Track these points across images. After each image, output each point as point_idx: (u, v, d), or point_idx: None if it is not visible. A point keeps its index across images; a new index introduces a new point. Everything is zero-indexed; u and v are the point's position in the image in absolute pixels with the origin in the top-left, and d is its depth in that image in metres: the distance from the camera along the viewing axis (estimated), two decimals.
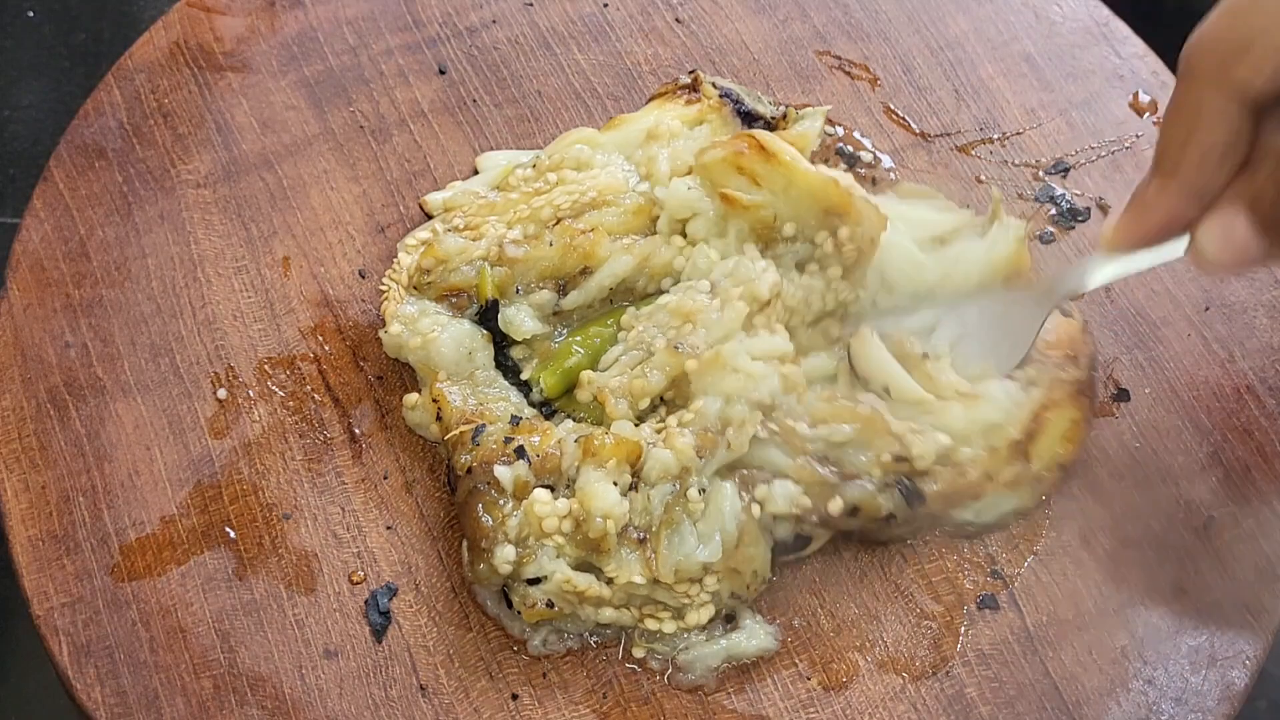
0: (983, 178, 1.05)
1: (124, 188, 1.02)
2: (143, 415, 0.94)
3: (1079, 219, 1.03)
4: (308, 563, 0.90)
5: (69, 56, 1.35)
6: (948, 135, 1.07)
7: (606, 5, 1.11)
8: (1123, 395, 0.97)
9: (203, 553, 0.90)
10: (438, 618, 0.89)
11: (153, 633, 0.87)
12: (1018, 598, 0.91)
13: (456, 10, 1.11)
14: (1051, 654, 0.89)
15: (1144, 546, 0.92)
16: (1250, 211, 0.73)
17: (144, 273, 0.99)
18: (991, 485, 0.89)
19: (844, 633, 0.89)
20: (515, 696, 0.87)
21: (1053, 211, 1.04)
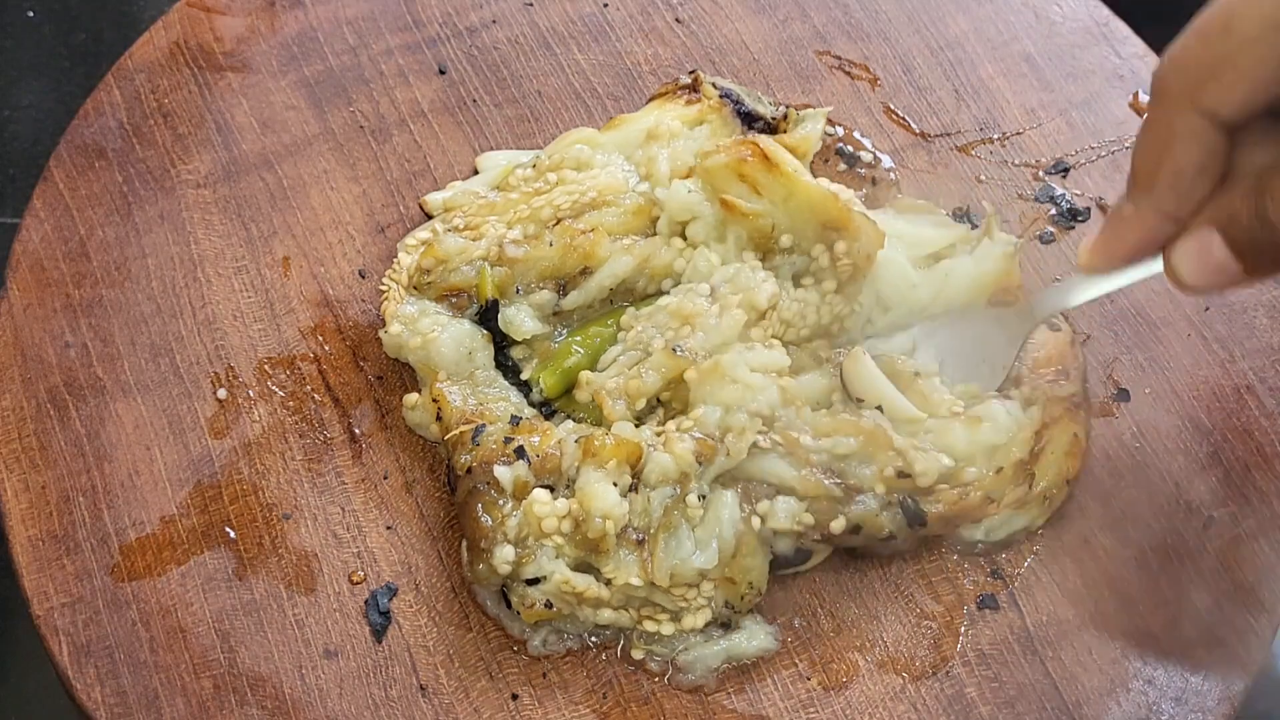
0: (982, 178, 1.05)
1: (124, 188, 1.02)
2: (143, 415, 0.94)
3: (1079, 219, 1.03)
4: (308, 563, 0.90)
5: (69, 56, 1.35)
6: (948, 135, 1.07)
7: (606, 5, 1.11)
8: (1123, 395, 0.97)
9: (203, 553, 0.90)
10: (438, 618, 0.89)
11: (153, 633, 0.87)
12: (1018, 598, 0.91)
13: (456, 10, 1.11)
14: (1051, 654, 0.89)
15: (1144, 546, 0.92)
16: (1225, 233, 0.73)
17: (144, 273, 0.99)
18: (994, 508, 0.89)
19: (844, 633, 0.89)
20: (515, 696, 0.87)
21: (1053, 211, 1.04)
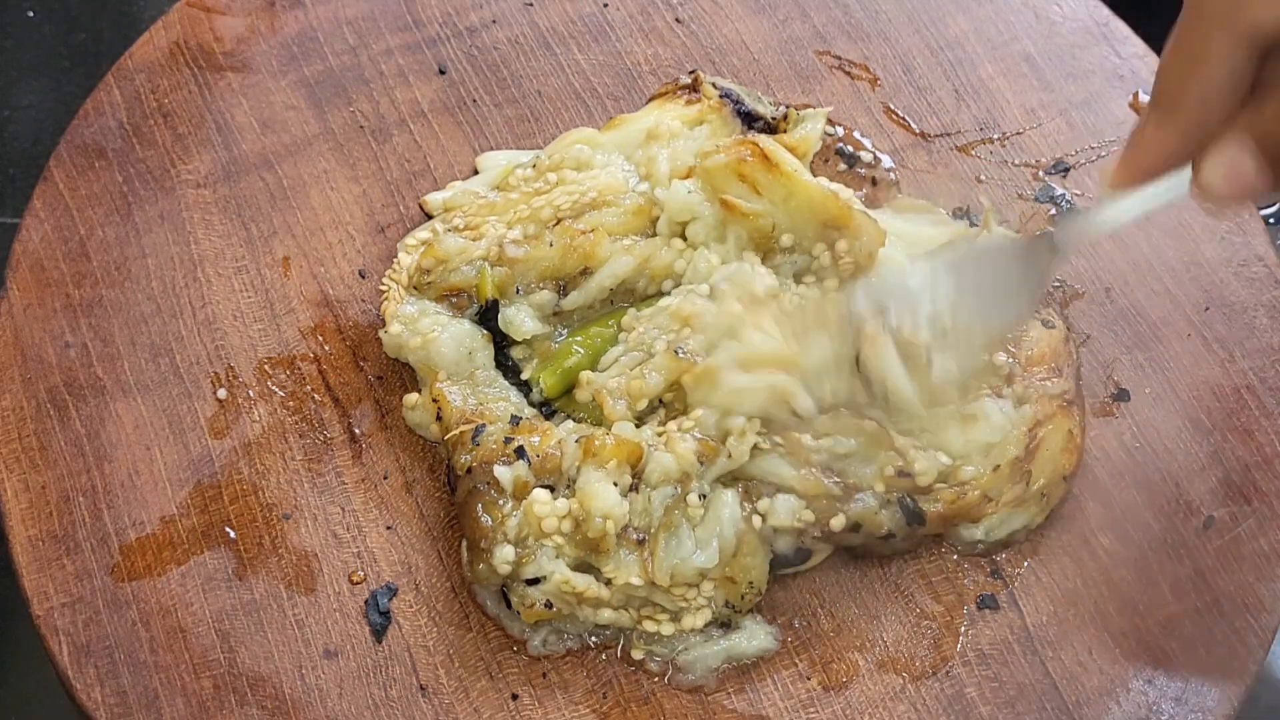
0: (982, 178, 1.05)
1: (124, 188, 1.02)
2: (143, 415, 0.94)
3: None
4: (308, 563, 0.90)
5: (69, 56, 1.35)
6: (948, 135, 1.07)
7: (606, 5, 1.11)
8: (1123, 395, 0.97)
9: (203, 553, 0.90)
10: (438, 618, 0.89)
11: (153, 633, 0.87)
12: (1018, 598, 0.91)
13: (456, 10, 1.11)
14: (1051, 654, 0.89)
15: (1144, 546, 0.92)
16: (1258, 143, 0.72)
17: (144, 273, 0.99)
18: (992, 506, 0.89)
19: (844, 633, 0.89)
20: (515, 696, 0.87)
21: (1052, 211, 1.04)
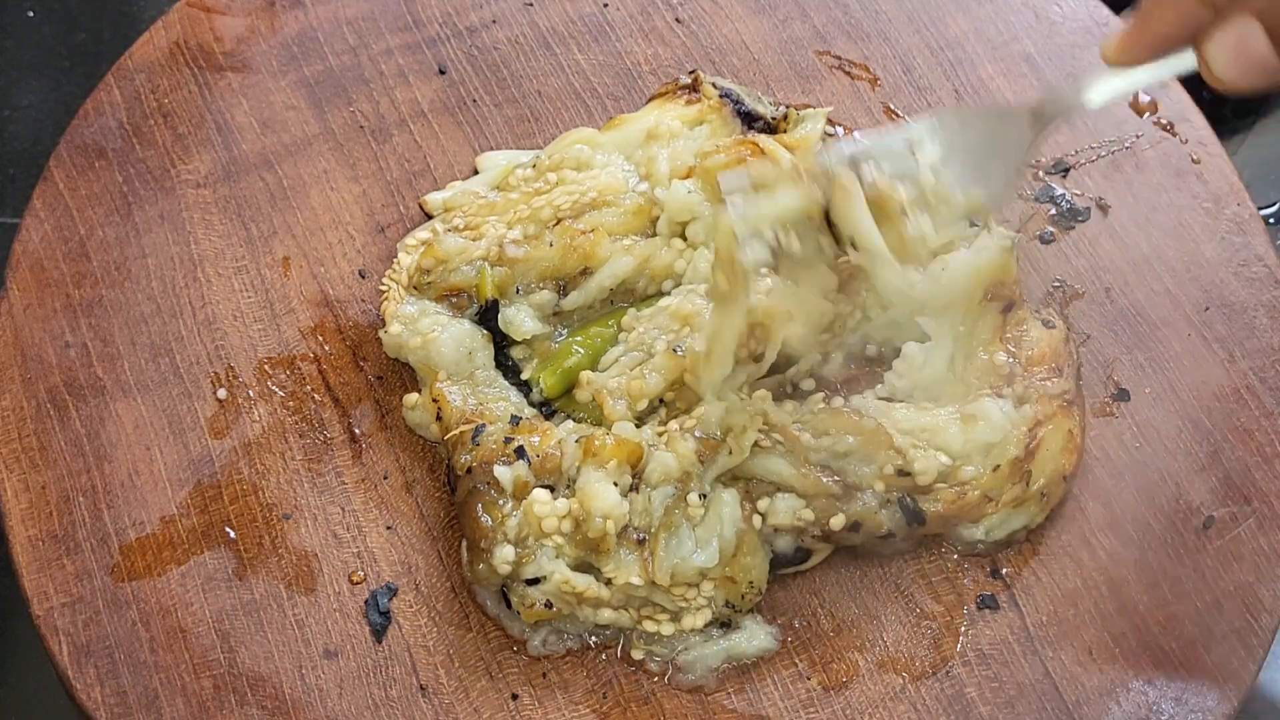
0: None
1: (124, 188, 1.02)
2: (143, 415, 0.94)
3: (1079, 219, 1.03)
4: (308, 563, 0.90)
5: (69, 56, 1.35)
6: None
7: (606, 5, 1.11)
8: (1123, 395, 0.97)
9: (203, 553, 0.90)
10: (438, 618, 0.89)
11: (153, 633, 0.87)
12: (1018, 598, 0.91)
13: (456, 10, 1.11)
14: (1051, 654, 0.89)
15: (1144, 546, 0.92)
16: (1266, 22, 0.68)
17: (144, 273, 0.99)
18: (992, 506, 0.89)
19: (844, 633, 0.89)
20: (515, 696, 0.87)
21: (1053, 211, 1.04)
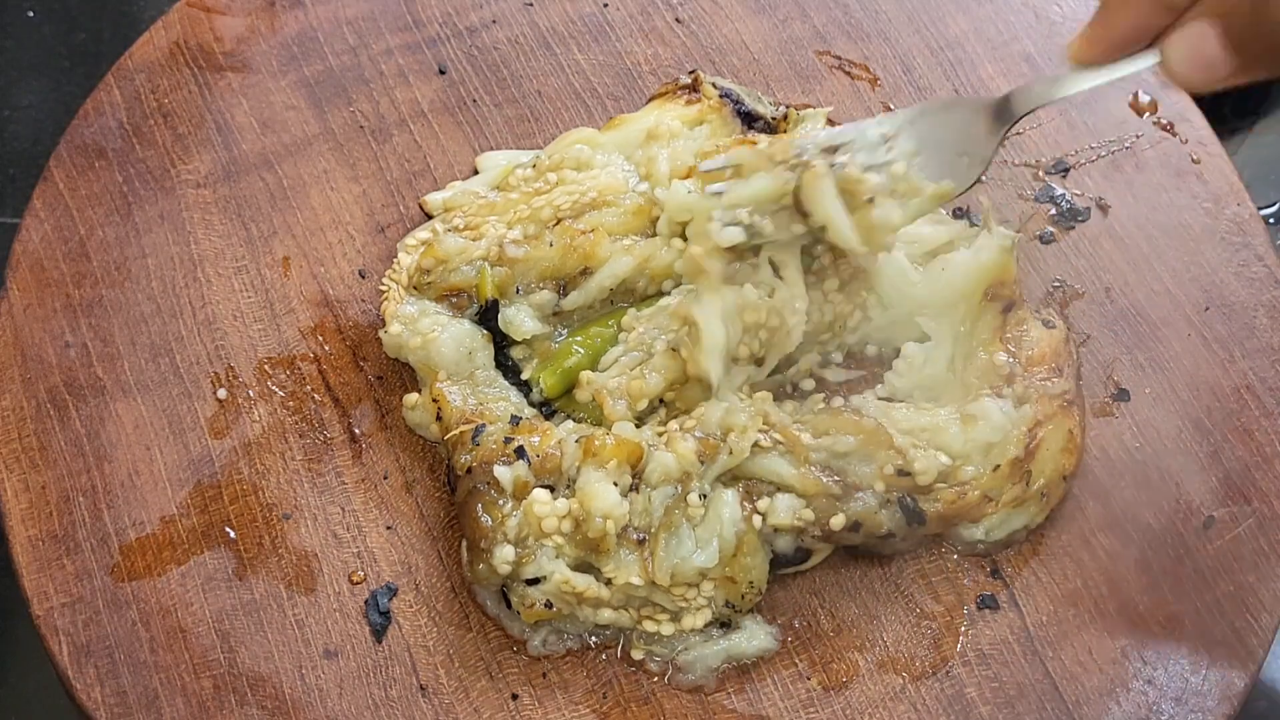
0: (983, 178, 1.05)
1: (124, 188, 1.02)
2: (143, 415, 0.94)
3: (1079, 219, 1.03)
4: (308, 563, 0.90)
5: (69, 56, 1.35)
6: None
7: (606, 5, 1.11)
8: (1123, 395, 0.97)
9: (203, 553, 0.90)
10: (438, 618, 0.89)
11: (153, 633, 0.87)
12: (1018, 598, 0.91)
13: (456, 10, 1.11)
14: (1051, 654, 0.89)
15: (1144, 546, 0.92)
16: (1222, 24, 0.70)
17: (144, 273, 0.99)
18: (992, 506, 0.89)
19: (844, 633, 0.89)
20: (515, 696, 0.87)
21: (1053, 211, 1.04)
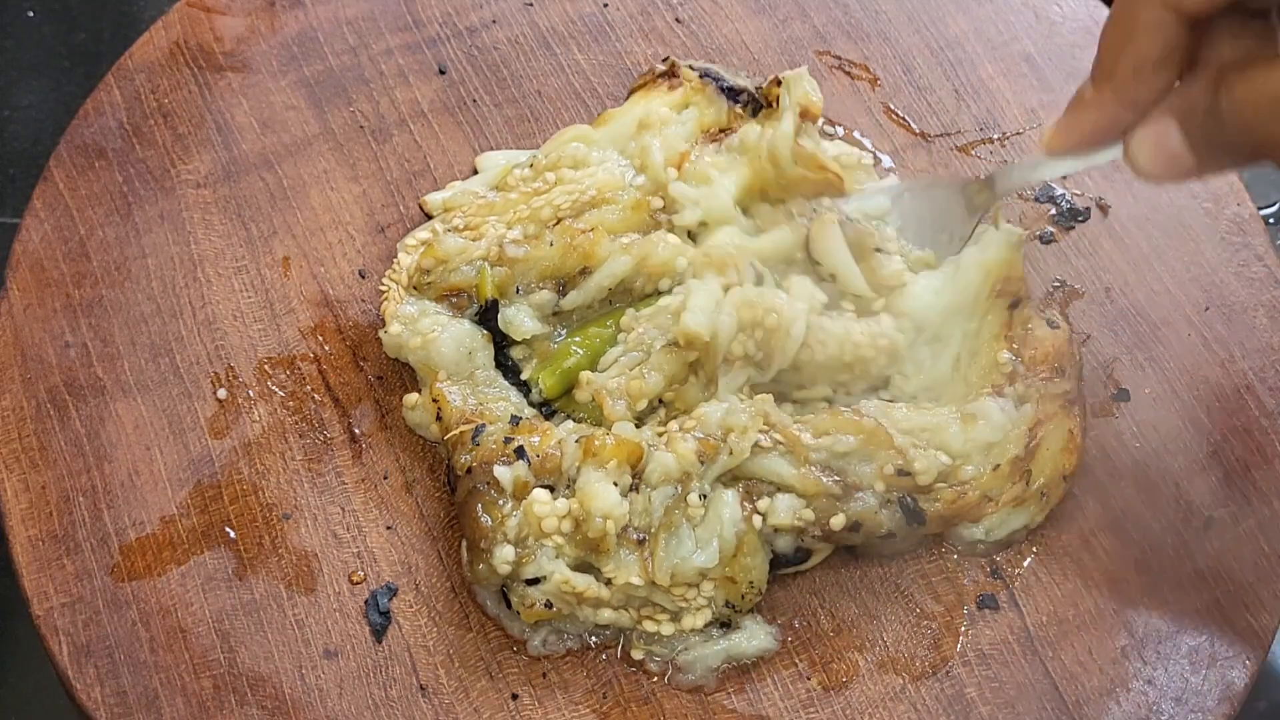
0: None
1: (124, 188, 1.02)
2: (143, 415, 0.94)
3: (1079, 219, 1.03)
4: (308, 563, 0.90)
5: (69, 56, 1.35)
6: (948, 135, 1.07)
7: (606, 5, 1.11)
8: (1123, 395, 0.97)
9: (203, 553, 0.90)
10: (438, 618, 0.89)
11: (153, 633, 0.87)
12: (1018, 598, 0.91)
13: (456, 10, 1.11)
14: (1051, 654, 0.89)
15: (1144, 546, 0.92)
16: (1182, 124, 0.72)
17: (144, 273, 0.99)
18: (992, 506, 0.89)
19: (844, 633, 0.89)
20: (515, 696, 0.87)
21: (1053, 211, 1.04)
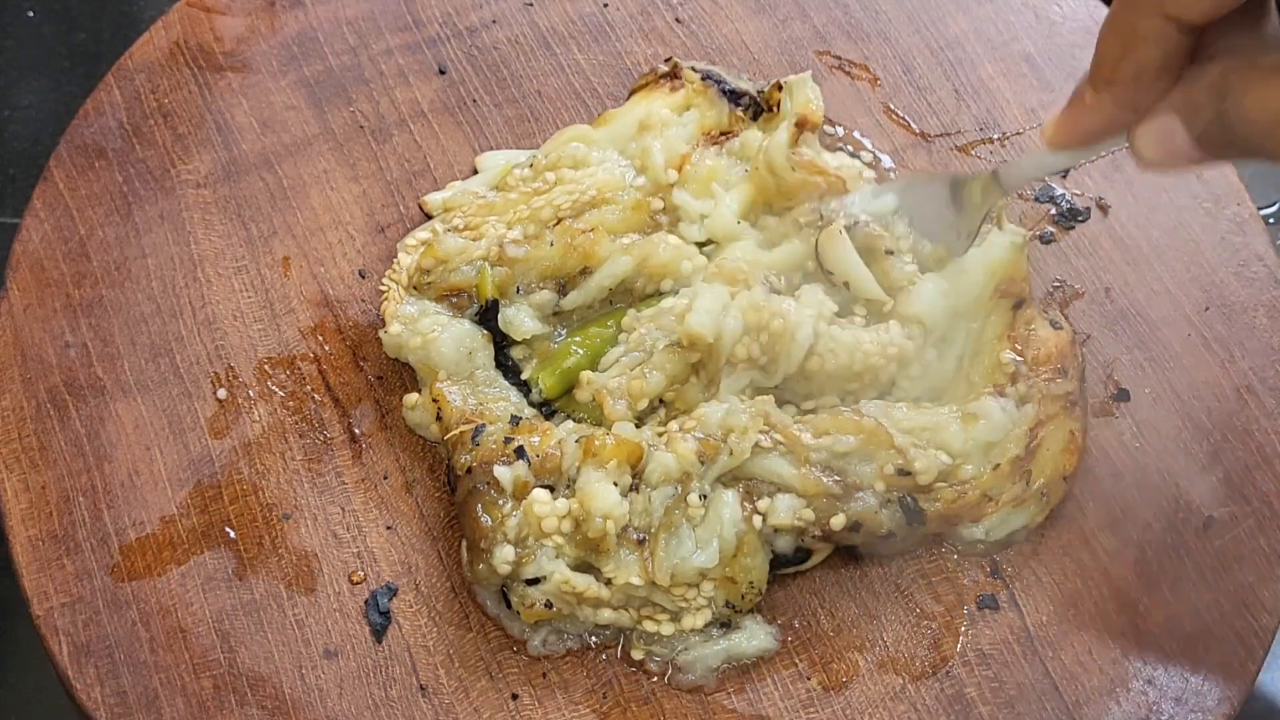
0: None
1: (124, 188, 1.02)
2: (143, 415, 0.94)
3: (1079, 219, 1.03)
4: (308, 563, 0.90)
5: (69, 56, 1.35)
6: (948, 135, 1.07)
7: (606, 5, 1.11)
8: (1123, 395, 0.97)
9: (203, 553, 0.90)
10: (438, 618, 0.89)
11: (153, 633, 0.87)
12: (1018, 598, 0.91)
13: (456, 10, 1.11)
14: (1051, 654, 0.89)
15: (1144, 546, 0.92)
16: (1186, 123, 0.73)
17: (144, 273, 0.99)
18: (992, 506, 0.89)
19: (844, 633, 0.89)
20: (515, 696, 0.87)
21: (1053, 211, 1.04)
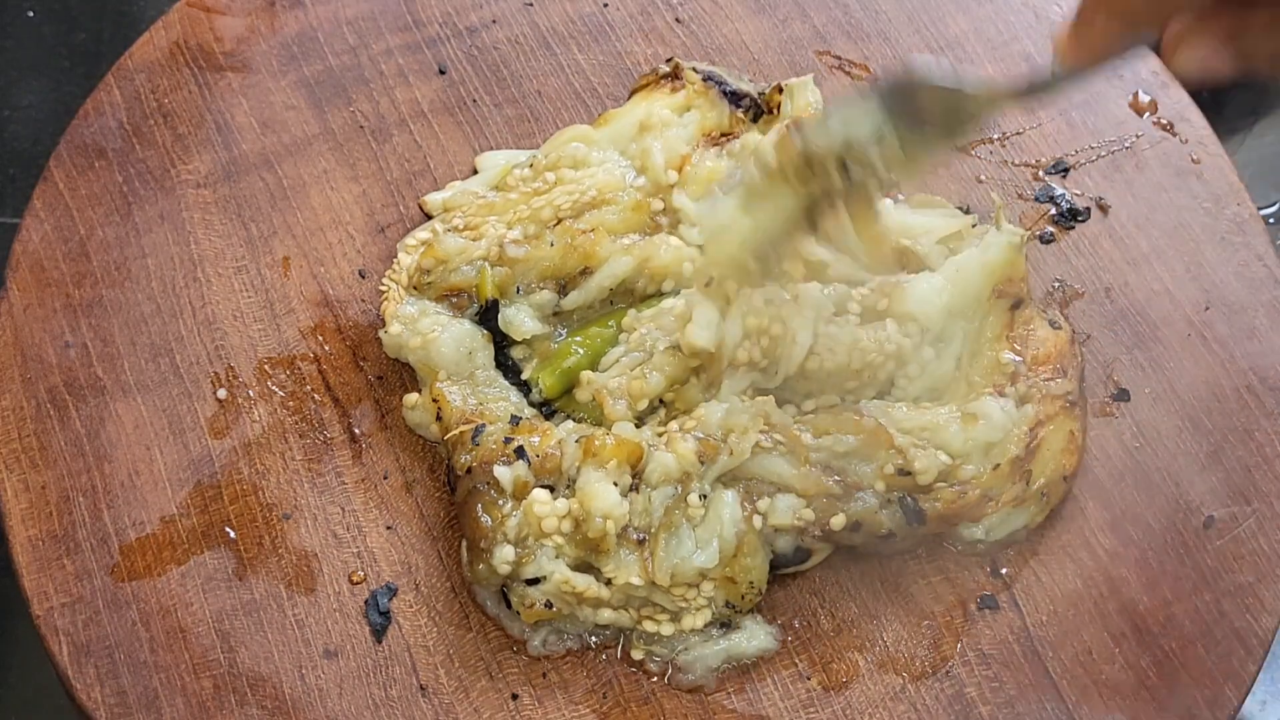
0: (983, 178, 1.05)
1: (124, 188, 1.02)
2: (143, 415, 0.94)
3: (1079, 219, 1.03)
4: (308, 563, 0.90)
5: (69, 56, 1.35)
6: None
7: (606, 5, 1.11)
8: (1123, 395, 0.97)
9: (203, 553, 0.90)
10: (438, 618, 0.89)
11: (153, 633, 0.87)
12: (1018, 598, 0.91)
13: (456, 10, 1.11)
14: (1051, 654, 0.89)
15: (1144, 546, 0.92)
16: (1234, 47, 0.70)
17: (144, 273, 0.99)
18: (993, 506, 0.89)
19: (844, 633, 0.89)
20: (515, 696, 0.87)
21: (1053, 211, 1.04)
